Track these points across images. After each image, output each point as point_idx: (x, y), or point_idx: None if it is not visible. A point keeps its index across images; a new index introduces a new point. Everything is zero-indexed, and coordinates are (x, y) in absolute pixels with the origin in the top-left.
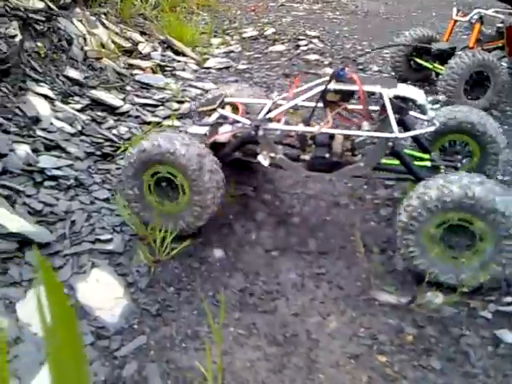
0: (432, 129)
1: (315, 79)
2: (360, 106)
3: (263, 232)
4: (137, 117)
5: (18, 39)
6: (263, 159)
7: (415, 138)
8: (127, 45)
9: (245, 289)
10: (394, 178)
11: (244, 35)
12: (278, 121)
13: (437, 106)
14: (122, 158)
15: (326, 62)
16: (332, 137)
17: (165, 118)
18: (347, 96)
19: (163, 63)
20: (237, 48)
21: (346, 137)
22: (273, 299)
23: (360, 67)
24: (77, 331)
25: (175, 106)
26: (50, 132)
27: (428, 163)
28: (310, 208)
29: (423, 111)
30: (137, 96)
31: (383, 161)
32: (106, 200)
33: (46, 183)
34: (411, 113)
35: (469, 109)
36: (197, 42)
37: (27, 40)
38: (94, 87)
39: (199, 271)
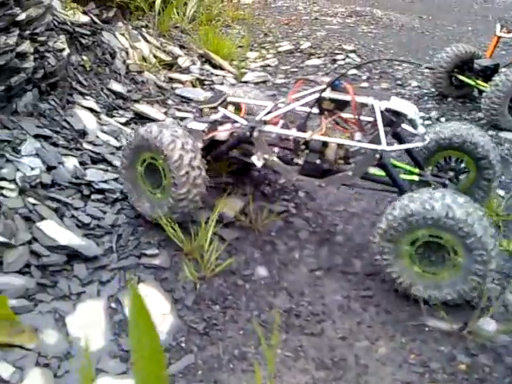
0: (421, 144)
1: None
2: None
3: (306, 250)
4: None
5: (65, 53)
6: (257, 160)
7: (409, 152)
8: (167, 58)
9: (290, 309)
10: (379, 190)
11: (280, 49)
12: (275, 124)
13: (428, 122)
14: None
15: (364, 77)
16: (326, 144)
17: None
18: (342, 105)
19: (202, 77)
20: (273, 62)
21: (340, 145)
22: (319, 321)
23: (399, 82)
24: (163, 360)
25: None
26: (96, 145)
27: (416, 177)
28: (354, 227)
29: (414, 126)
30: (178, 110)
31: (371, 171)
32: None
33: (93, 196)
34: (406, 127)
35: (463, 126)
36: (233, 56)
37: (73, 54)
38: (137, 101)
39: (244, 289)
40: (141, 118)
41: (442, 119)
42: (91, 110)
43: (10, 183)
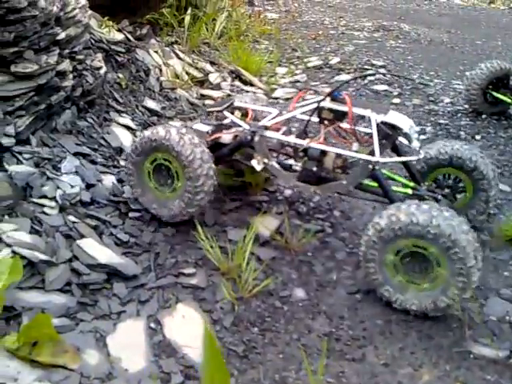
0: (415, 158)
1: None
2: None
3: (344, 272)
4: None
5: (102, 71)
6: (256, 164)
7: (406, 166)
8: (199, 75)
9: (330, 333)
10: (371, 199)
11: (309, 64)
12: (277, 130)
13: (423, 137)
14: None
15: (395, 93)
16: (325, 153)
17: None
18: (340, 116)
19: (233, 93)
20: (302, 78)
21: (339, 155)
22: (360, 346)
23: (431, 99)
24: None
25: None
26: None
27: (410, 191)
28: None
29: (409, 140)
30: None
31: (366, 182)
32: (187, 232)
33: (131, 214)
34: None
35: (465, 145)
36: (263, 71)
37: (109, 71)
38: (170, 118)
39: (282, 312)
40: None
41: (478, 137)
42: (127, 127)
43: (51, 201)
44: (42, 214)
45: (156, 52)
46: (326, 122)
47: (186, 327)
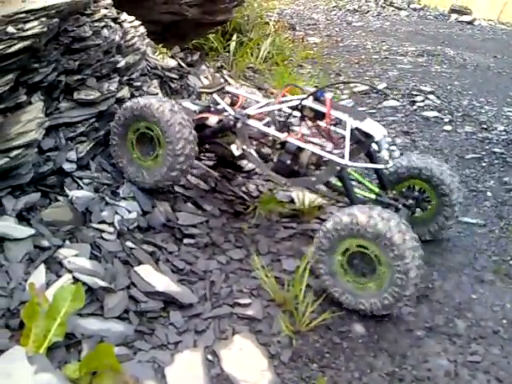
0: (382, 166)
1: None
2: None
3: (404, 307)
4: (262, 174)
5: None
6: (235, 149)
7: (376, 173)
8: None
9: (393, 373)
10: (334, 198)
11: (355, 89)
12: (260, 119)
13: (394, 147)
14: (252, 217)
15: (446, 120)
16: (301, 148)
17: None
18: (320, 115)
19: (281, 118)
20: (349, 103)
21: (314, 153)
22: None
23: (484, 126)
24: None
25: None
26: (187, 189)
27: (373, 196)
28: (452, 283)
29: (379, 148)
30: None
31: (334, 182)
32: (241, 260)
33: (186, 240)
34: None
35: (436, 161)
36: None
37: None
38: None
39: (341, 347)
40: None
41: None
42: None
43: (110, 226)
44: (101, 240)
45: (206, 78)
46: (306, 120)
47: (244, 361)
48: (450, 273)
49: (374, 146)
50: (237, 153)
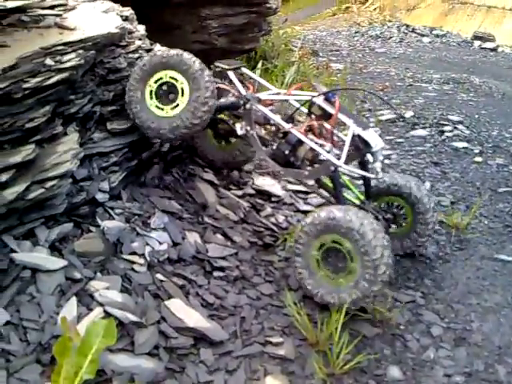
0: (372, 176)
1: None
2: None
3: (442, 350)
4: (291, 204)
5: None
6: (239, 128)
7: (364, 181)
8: (273, 127)
9: None
10: (322, 196)
11: (381, 117)
12: (268, 105)
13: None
14: (282, 249)
15: (476, 151)
16: (301, 142)
17: (317, 206)
18: (327, 116)
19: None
20: (376, 131)
21: (312, 148)
22: None
23: None
24: None
25: (325, 193)
26: (216, 219)
27: (357, 202)
28: (491, 325)
29: (374, 159)
30: (289, 182)
31: (325, 181)
32: (271, 296)
33: (215, 273)
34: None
35: (415, 181)
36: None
37: None
38: (249, 172)
39: None
40: (258, 193)
41: None
42: (211, 182)
43: (140, 258)
44: (132, 271)
45: None
46: (313, 116)
47: None
48: (487, 314)
49: (369, 156)
50: (240, 132)
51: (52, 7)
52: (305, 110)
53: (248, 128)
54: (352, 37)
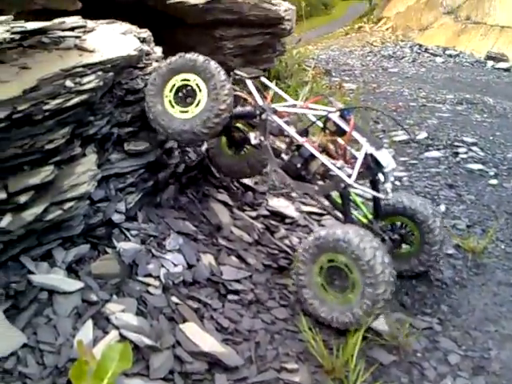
0: (381, 196)
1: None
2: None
3: (460, 379)
4: (305, 226)
5: (204, 147)
6: (253, 138)
7: (374, 201)
8: None
9: None
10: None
11: (394, 138)
12: (282, 117)
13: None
14: None
15: (491, 173)
16: (313, 156)
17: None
18: (341, 132)
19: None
20: (389, 152)
21: (324, 164)
22: None
23: None
24: None
25: (340, 215)
26: (230, 241)
27: (365, 221)
28: (509, 353)
29: (385, 179)
30: (303, 203)
31: (334, 197)
32: (286, 320)
33: (230, 296)
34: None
35: (420, 201)
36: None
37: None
38: (263, 193)
39: None
40: (272, 214)
41: None
42: (225, 203)
43: (155, 280)
44: (147, 294)
45: None
46: (327, 132)
47: None
48: (505, 341)
49: (381, 176)
50: (254, 142)
51: (72, 29)
52: (320, 123)
53: (262, 138)
54: (365, 56)
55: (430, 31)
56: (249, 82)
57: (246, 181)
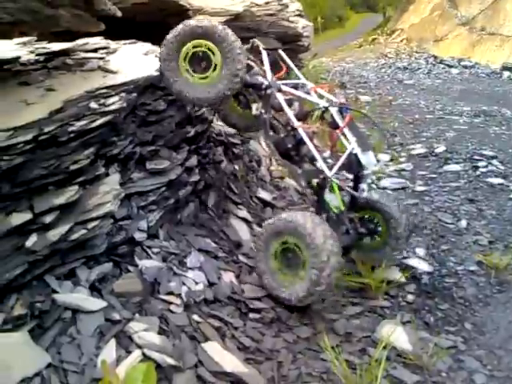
0: (355, 194)
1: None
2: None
3: None
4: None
5: (223, 164)
6: (255, 109)
7: (351, 196)
8: None
9: None
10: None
11: (413, 152)
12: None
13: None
14: None
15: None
16: (304, 142)
17: None
18: (335, 125)
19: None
20: (408, 166)
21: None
22: None
23: None
24: None
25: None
26: (250, 258)
27: (336, 211)
28: None
29: (363, 180)
30: None
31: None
32: (308, 339)
33: (251, 315)
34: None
35: (391, 201)
36: None
37: (227, 163)
38: (282, 208)
39: None
40: None
41: None
42: (245, 219)
43: (177, 298)
44: (169, 312)
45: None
46: (323, 121)
47: None
48: None
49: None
50: (254, 112)
51: (95, 50)
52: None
53: (262, 111)
54: (379, 68)
55: (445, 42)
56: (264, 54)
57: (265, 196)
